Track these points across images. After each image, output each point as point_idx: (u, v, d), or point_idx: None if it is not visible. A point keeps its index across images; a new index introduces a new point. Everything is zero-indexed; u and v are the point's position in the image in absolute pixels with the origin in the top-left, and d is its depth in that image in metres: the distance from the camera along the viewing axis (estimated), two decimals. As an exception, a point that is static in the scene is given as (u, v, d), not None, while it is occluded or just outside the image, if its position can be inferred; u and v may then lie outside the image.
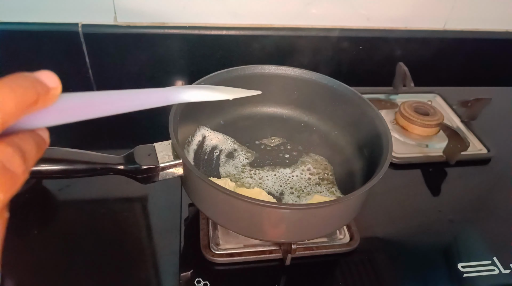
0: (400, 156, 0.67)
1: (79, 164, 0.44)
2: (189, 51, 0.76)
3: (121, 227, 0.55)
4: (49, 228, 0.48)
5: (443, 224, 0.59)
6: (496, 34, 0.87)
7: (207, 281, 0.48)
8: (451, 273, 0.52)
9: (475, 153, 0.70)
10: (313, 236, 0.49)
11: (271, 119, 0.63)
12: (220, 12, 0.74)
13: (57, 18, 0.69)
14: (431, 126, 0.72)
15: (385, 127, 0.50)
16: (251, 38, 0.76)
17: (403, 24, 0.82)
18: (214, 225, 0.53)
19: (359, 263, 0.52)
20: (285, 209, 0.43)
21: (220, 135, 0.60)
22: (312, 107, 0.61)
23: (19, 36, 0.69)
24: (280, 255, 0.51)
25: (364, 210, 0.50)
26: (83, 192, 0.58)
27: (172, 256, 0.51)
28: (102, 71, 0.75)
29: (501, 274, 0.52)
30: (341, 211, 0.46)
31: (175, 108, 0.49)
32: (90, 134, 0.70)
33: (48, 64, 0.78)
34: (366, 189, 0.43)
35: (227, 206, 0.44)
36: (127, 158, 0.46)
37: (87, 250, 0.51)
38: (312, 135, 0.61)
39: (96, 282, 0.48)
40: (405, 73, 0.77)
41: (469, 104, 0.77)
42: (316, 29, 0.78)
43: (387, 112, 0.77)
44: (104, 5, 0.69)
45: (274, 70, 0.59)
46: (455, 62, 0.88)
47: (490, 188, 0.67)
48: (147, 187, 0.55)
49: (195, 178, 0.45)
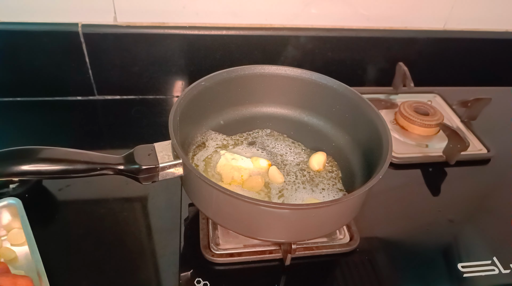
0: (400, 156, 0.67)
1: (79, 164, 0.44)
2: (189, 51, 0.76)
3: (121, 227, 0.55)
4: (49, 228, 0.48)
5: (443, 224, 0.59)
6: (496, 34, 0.87)
7: (207, 281, 0.48)
8: (451, 273, 0.52)
9: (475, 153, 0.71)
10: (313, 236, 0.49)
11: (271, 119, 0.63)
12: (220, 12, 0.74)
13: (57, 18, 0.69)
14: (431, 126, 0.72)
15: (385, 127, 0.50)
16: (251, 38, 0.76)
17: (403, 24, 0.82)
18: (214, 225, 0.53)
19: (359, 263, 0.52)
20: (285, 209, 0.43)
21: (220, 135, 0.60)
22: (312, 107, 0.61)
23: (19, 36, 0.69)
24: (280, 255, 0.51)
25: (364, 210, 0.50)
26: (83, 192, 0.58)
27: (172, 256, 0.51)
28: (102, 71, 0.75)
29: (501, 274, 0.52)
30: (341, 211, 0.46)
31: (175, 108, 0.49)
32: (90, 134, 0.71)
33: (48, 64, 0.79)
34: (366, 189, 0.43)
35: (227, 206, 0.44)
36: (127, 158, 0.46)
37: (87, 250, 0.52)
38: (312, 135, 0.61)
39: (96, 282, 0.48)
40: (405, 73, 0.77)
41: (469, 104, 0.77)
42: (316, 29, 0.78)
43: (387, 112, 0.77)
44: (104, 5, 0.69)
45: (274, 70, 0.59)
46: (455, 62, 0.88)
47: (490, 188, 0.67)
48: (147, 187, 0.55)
49: (195, 178, 0.45)
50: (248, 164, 0.54)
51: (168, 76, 0.78)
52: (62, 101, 0.76)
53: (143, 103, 0.78)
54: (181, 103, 0.51)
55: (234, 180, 0.53)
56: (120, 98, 0.79)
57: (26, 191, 0.57)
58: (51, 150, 0.44)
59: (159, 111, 0.77)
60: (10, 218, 0.49)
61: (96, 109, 0.77)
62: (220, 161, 0.54)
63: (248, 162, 0.54)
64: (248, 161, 0.54)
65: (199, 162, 0.56)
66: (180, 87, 0.80)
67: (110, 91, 0.78)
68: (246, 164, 0.54)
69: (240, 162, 0.54)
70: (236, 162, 0.54)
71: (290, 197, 0.53)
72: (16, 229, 0.49)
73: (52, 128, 0.71)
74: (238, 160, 0.54)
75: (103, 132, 0.72)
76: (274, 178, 0.54)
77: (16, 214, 0.48)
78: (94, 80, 0.76)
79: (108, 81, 0.76)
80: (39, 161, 0.43)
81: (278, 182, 0.53)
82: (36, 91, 0.75)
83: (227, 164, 0.54)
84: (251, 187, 0.52)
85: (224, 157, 0.54)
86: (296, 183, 0.55)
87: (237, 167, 0.53)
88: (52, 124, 0.72)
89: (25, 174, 0.43)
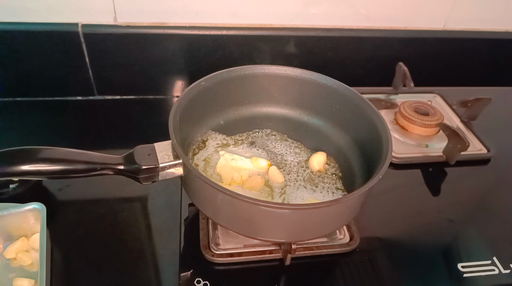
0: (400, 156, 0.67)
1: (79, 164, 0.44)
2: (189, 51, 0.76)
3: (121, 227, 0.55)
4: (49, 228, 0.48)
5: (443, 224, 0.59)
6: (496, 34, 0.87)
7: (207, 281, 0.48)
8: (451, 273, 0.52)
9: (475, 153, 0.71)
10: (313, 236, 0.49)
11: (271, 119, 0.63)
12: (220, 12, 0.74)
13: (57, 18, 0.69)
14: (431, 126, 0.72)
15: (385, 127, 0.50)
16: (251, 38, 0.76)
17: (403, 24, 0.82)
18: (214, 225, 0.53)
19: (359, 263, 0.52)
20: (285, 209, 0.43)
21: (220, 135, 0.60)
22: (312, 107, 0.61)
23: (19, 36, 0.69)
24: (280, 255, 0.51)
25: (364, 210, 0.50)
26: (83, 192, 0.58)
27: (172, 256, 0.51)
28: (102, 71, 0.75)
29: (501, 274, 0.52)
30: (341, 211, 0.46)
31: (175, 108, 0.49)
32: (90, 134, 0.71)
33: (48, 64, 0.79)
34: (366, 189, 0.43)
35: (227, 206, 0.44)
36: (127, 158, 0.46)
37: (87, 250, 0.52)
38: (312, 135, 0.61)
39: (96, 282, 0.48)
40: (405, 73, 0.77)
41: (469, 104, 0.77)
42: (316, 29, 0.78)
43: (387, 112, 0.77)
44: (104, 5, 0.69)
45: (274, 70, 0.59)
46: (455, 62, 0.88)
47: (490, 188, 0.67)
48: (147, 187, 0.55)
49: (195, 178, 0.45)
50: (248, 165, 0.54)
51: (168, 76, 0.78)
52: (62, 101, 0.76)
53: (143, 103, 0.78)
54: (181, 103, 0.51)
55: (234, 180, 0.53)
56: (120, 98, 0.79)
57: (26, 191, 0.57)
58: (51, 150, 0.44)
59: (159, 111, 0.77)
60: (34, 222, 0.49)
61: (96, 109, 0.77)
62: (220, 162, 0.54)
63: (248, 162, 0.54)
64: (247, 161, 0.54)
65: (199, 161, 0.56)
66: (180, 87, 0.80)
67: (110, 91, 0.78)
68: (245, 164, 0.54)
69: (239, 162, 0.54)
70: (236, 162, 0.54)
71: (292, 195, 0.53)
72: (38, 233, 0.49)
73: (52, 128, 0.71)
74: (238, 161, 0.54)
75: (103, 132, 0.72)
76: (274, 178, 0.54)
77: (39, 219, 0.48)
78: (94, 80, 0.76)
79: (108, 81, 0.76)
80: (39, 161, 0.43)
81: (278, 182, 0.53)
82: (36, 91, 0.75)
83: (226, 164, 0.53)
84: (251, 187, 0.52)
85: (224, 157, 0.54)
86: (298, 180, 0.55)
87: (236, 168, 0.53)
88: (52, 124, 0.72)
89: (25, 174, 0.43)
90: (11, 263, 0.48)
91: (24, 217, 0.48)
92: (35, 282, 0.46)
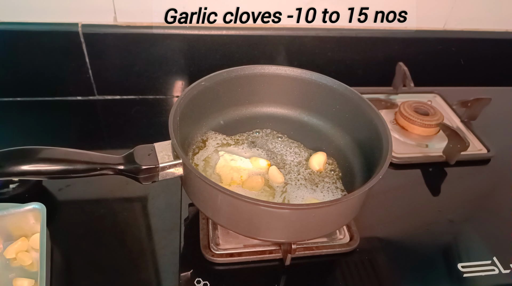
0: (400, 156, 0.67)
1: (79, 164, 0.44)
2: (189, 51, 0.76)
3: (121, 227, 0.55)
4: (49, 228, 0.48)
5: (443, 224, 0.59)
6: (496, 34, 0.87)
7: (207, 281, 0.48)
8: (451, 273, 0.52)
9: (475, 153, 0.70)
10: (313, 236, 0.49)
11: (271, 119, 0.63)
12: (220, 12, 0.74)
13: (57, 18, 0.69)
14: (431, 126, 0.72)
15: (385, 127, 0.50)
16: (251, 38, 0.76)
17: (403, 24, 0.82)
18: (214, 225, 0.53)
19: (359, 263, 0.52)
20: (285, 209, 0.43)
21: (220, 135, 0.60)
22: (312, 107, 0.61)
23: (19, 36, 0.69)
24: (280, 255, 0.51)
25: (364, 210, 0.50)
26: (83, 192, 0.58)
27: (172, 256, 0.51)
28: (102, 71, 0.75)
29: (501, 274, 0.52)
30: (341, 211, 0.46)
31: (175, 108, 0.49)
32: (90, 134, 0.71)
33: (48, 64, 0.78)
34: (366, 189, 0.43)
35: (227, 206, 0.44)
36: (127, 158, 0.46)
37: (87, 250, 0.52)
38: (312, 135, 0.61)
39: (96, 282, 0.48)
40: (405, 73, 0.77)
41: (469, 104, 0.77)
42: (316, 29, 0.78)
43: (387, 112, 0.77)
44: (104, 5, 0.69)
45: (274, 70, 0.59)
46: (455, 62, 0.88)
47: (490, 188, 0.67)
48: (147, 187, 0.55)
49: (195, 178, 0.45)
50: (247, 165, 0.54)
51: (168, 76, 0.78)
52: (62, 101, 0.76)
53: (143, 103, 0.78)
54: (181, 103, 0.51)
55: (234, 180, 0.52)
56: (120, 98, 0.79)
57: (26, 191, 0.57)
58: (51, 150, 0.44)
59: (159, 111, 0.77)
60: (34, 222, 0.49)
61: (96, 109, 0.77)
62: (219, 162, 0.54)
63: (247, 162, 0.54)
64: (247, 161, 0.54)
65: (199, 161, 0.56)
66: (180, 87, 0.80)
67: (110, 91, 0.78)
68: (245, 164, 0.54)
69: (239, 162, 0.54)
70: (235, 162, 0.54)
71: (292, 194, 0.53)
72: (38, 233, 0.49)
73: (52, 128, 0.71)
74: (237, 161, 0.54)
75: (103, 132, 0.72)
76: (274, 178, 0.54)
77: (39, 219, 0.48)
78: (94, 80, 0.76)
79: (108, 81, 0.76)
80: (39, 161, 0.43)
81: (278, 182, 0.53)
82: (36, 91, 0.75)
83: (226, 165, 0.53)
84: (251, 187, 0.52)
85: (223, 158, 0.54)
86: (299, 179, 0.55)
87: (236, 168, 0.53)
88: (52, 124, 0.72)
89: (25, 174, 0.43)
90: (11, 263, 0.48)
91: (24, 217, 0.48)
92: (35, 282, 0.46)
